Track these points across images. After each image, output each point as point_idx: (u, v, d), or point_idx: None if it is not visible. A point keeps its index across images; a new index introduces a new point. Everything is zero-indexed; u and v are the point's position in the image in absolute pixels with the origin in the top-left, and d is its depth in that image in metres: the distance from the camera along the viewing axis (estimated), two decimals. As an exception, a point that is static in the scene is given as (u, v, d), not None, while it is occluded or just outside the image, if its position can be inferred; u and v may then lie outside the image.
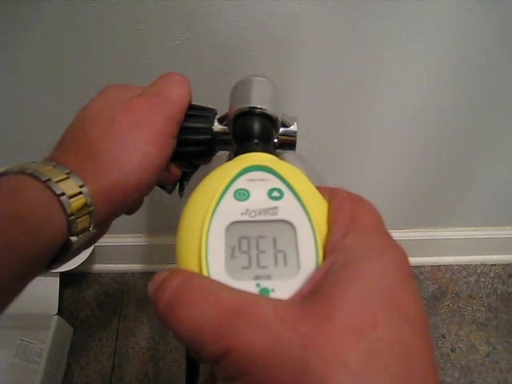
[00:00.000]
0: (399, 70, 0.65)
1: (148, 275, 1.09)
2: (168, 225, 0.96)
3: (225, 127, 0.32)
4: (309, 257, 0.19)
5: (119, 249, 1.03)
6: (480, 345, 1.01)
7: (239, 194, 0.22)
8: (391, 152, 0.81)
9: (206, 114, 0.33)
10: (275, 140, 0.33)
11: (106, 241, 0.99)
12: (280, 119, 0.32)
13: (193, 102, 0.32)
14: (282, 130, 0.33)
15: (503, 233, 1.05)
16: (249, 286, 0.18)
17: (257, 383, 0.15)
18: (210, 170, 0.24)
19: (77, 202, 0.23)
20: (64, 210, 0.22)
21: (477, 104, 0.72)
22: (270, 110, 0.30)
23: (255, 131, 0.30)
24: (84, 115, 0.28)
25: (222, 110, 0.33)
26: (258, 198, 0.22)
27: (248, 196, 0.22)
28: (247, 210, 0.21)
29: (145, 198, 0.30)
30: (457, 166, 0.86)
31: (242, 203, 0.21)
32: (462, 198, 0.95)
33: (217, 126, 0.32)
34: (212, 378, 0.20)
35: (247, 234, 0.20)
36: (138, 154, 0.26)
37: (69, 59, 0.61)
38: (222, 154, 0.34)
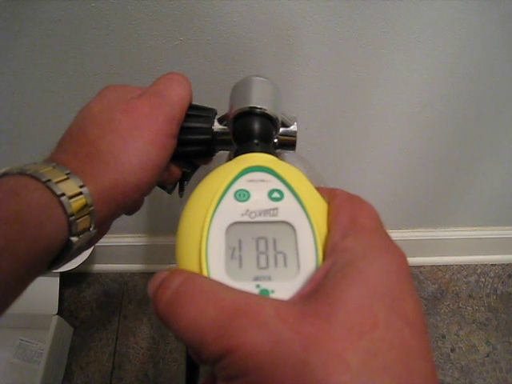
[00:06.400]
0: (399, 69, 0.65)
1: (148, 275, 1.09)
2: (168, 225, 0.96)
3: (225, 127, 0.32)
4: (309, 258, 0.19)
5: (119, 249, 1.03)
6: (480, 345, 1.01)
7: (239, 194, 0.22)
8: (391, 152, 0.81)
9: (206, 113, 0.33)
10: (275, 140, 0.33)
11: (106, 241, 0.99)
12: (280, 119, 0.32)
13: (193, 102, 0.32)
14: (282, 130, 0.33)
15: (503, 233, 1.05)
16: (249, 287, 0.18)
17: (257, 383, 0.15)
18: (210, 170, 0.24)
19: (77, 203, 0.23)
20: (64, 210, 0.22)
21: (477, 104, 0.72)
22: (270, 110, 0.30)
23: (255, 131, 0.30)
24: (84, 116, 0.28)
25: (222, 110, 0.33)
26: (259, 198, 0.22)
27: (248, 197, 0.22)
28: (247, 210, 0.21)
29: (145, 198, 0.30)
30: (457, 166, 0.86)
31: (243, 204, 0.21)
32: (462, 198, 0.95)
33: (217, 126, 0.32)
34: (212, 378, 0.20)
35: (247, 235, 0.20)
36: (138, 154, 0.26)
37: (68, 59, 0.61)
38: (222, 153, 0.34)
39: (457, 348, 1.01)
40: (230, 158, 0.34)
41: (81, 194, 0.23)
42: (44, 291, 0.93)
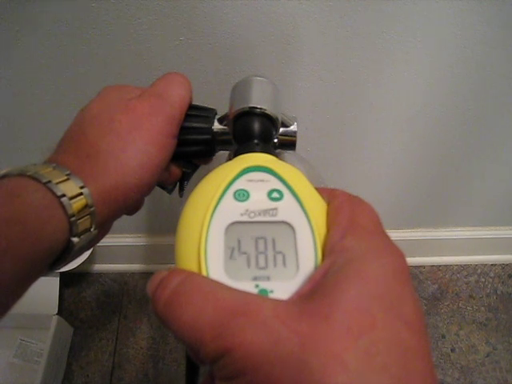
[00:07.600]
0: (399, 70, 0.65)
1: (148, 275, 1.09)
2: (168, 225, 0.96)
3: (225, 127, 0.32)
4: (308, 258, 0.19)
5: (119, 249, 1.03)
6: (480, 345, 1.01)
7: (239, 194, 0.22)
8: (391, 152, 0.81)
9: (206, 113, 0.33)
10: (275, 140, 0.33)
11: (106, 241, 0.98)
12: (280, 119, 0.32)
13: (193, 102, 0.32)
14: (281, 130, 0.33)
15: (503, 233, 1.05)
16: (248, 287, 0.18)
17: (255, 382, 0.15)
18: (210, 170, 0.24)
19: (78, 203, 0.23)
20: (65, 211, 0.22)
21: (476, 104, 0.72)
22: (270, 110, 0.30)
23: (255, 131, 0.30)
24: (84, 116, 0.28)
25: (222, 110, 0.33)
26: (258, 198, 0.22)
27: (248, 197, 0.22)
28: (247, 210, 0.21)
29: (145, 198, 0.30)
30: (457, 166, 0.86)
31: (242, 204, 0.21)
32: (462, 198, 0.95)
33: (217, 126, 0.32)
34: (211, 378, 0.20)
35: (246, 235, 0.20)
36: (138, 155, 0.26)
37: (68, 59, 0.61)
38: (222, 153, 0.34)
39: (457, 348, 1.01)
40: (229, 158, 0.34)
41: (81, 194, 0.23)
42: (44, 291, 0.93)
